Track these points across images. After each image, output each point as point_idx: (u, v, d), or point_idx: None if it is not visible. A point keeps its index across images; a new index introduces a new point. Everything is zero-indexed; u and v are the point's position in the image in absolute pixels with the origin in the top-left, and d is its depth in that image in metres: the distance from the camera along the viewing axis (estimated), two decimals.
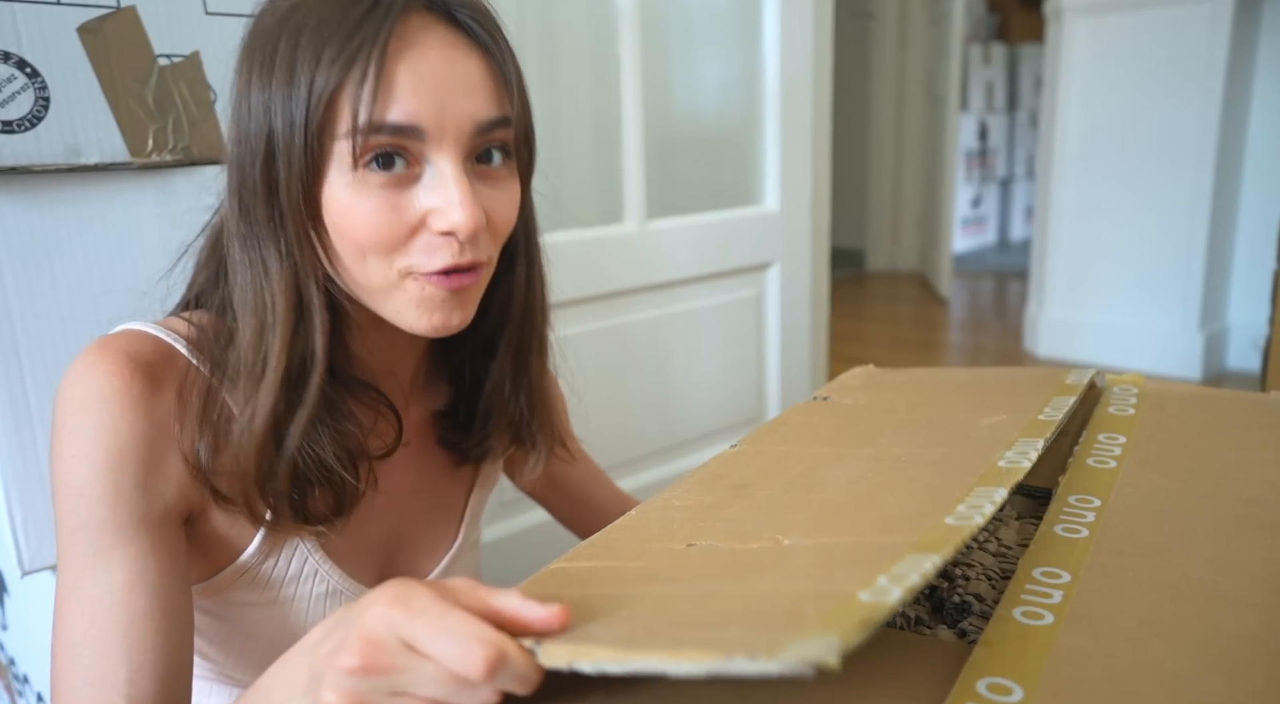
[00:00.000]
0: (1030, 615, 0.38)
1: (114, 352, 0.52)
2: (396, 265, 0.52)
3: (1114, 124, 2.86)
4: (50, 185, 0.72)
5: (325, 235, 0.52)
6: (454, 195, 0.50)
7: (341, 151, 0.50)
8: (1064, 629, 0.37)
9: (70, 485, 0.51)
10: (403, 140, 0.50)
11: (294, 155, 0.50)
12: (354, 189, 0.50)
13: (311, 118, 0.49)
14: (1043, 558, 0.43)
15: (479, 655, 0.33)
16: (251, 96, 0.51)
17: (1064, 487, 0.52)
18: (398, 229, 0.51)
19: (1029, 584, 0.41)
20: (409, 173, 0.51)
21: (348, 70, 0.48)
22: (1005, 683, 0.34)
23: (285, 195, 0.51)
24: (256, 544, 0.57)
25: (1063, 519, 0.47)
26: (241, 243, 0.53)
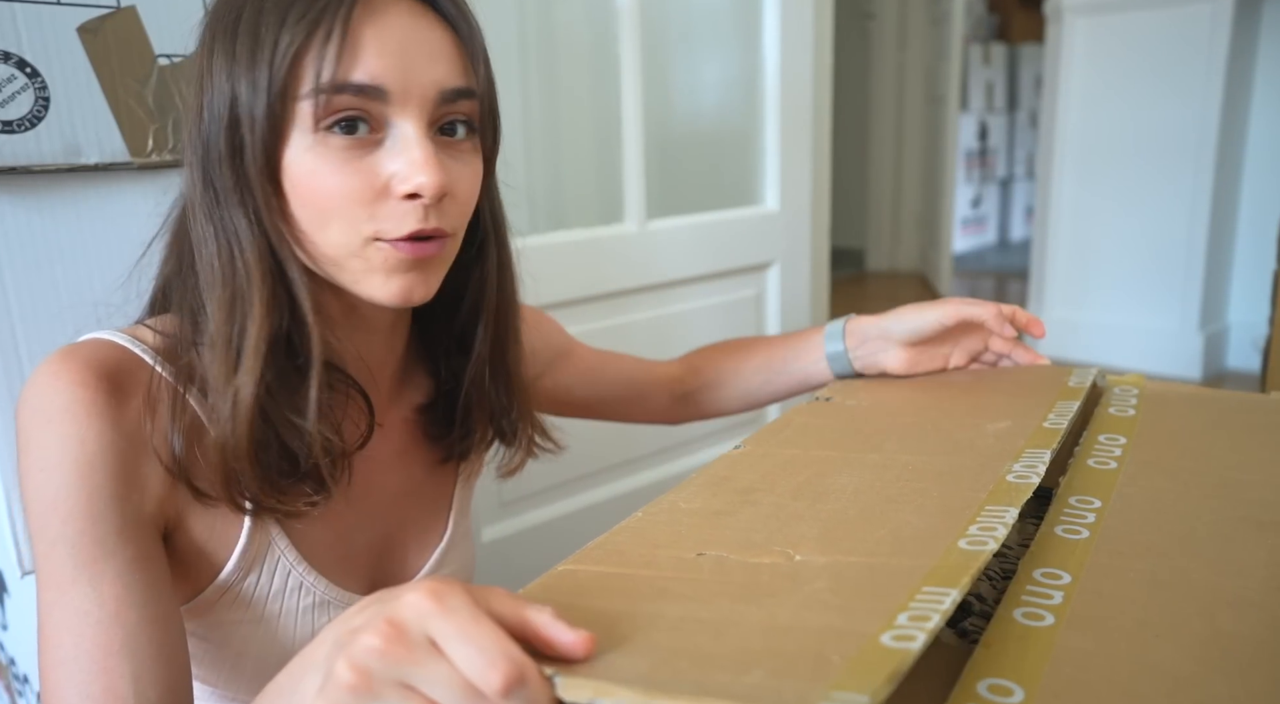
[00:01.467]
0: (1031, 616, 0.38)
1: (77, 361, 0.51)
2: (362, 231, 0.51)
3: (1114, 124, 2.86)
4: (50, 185, 0.72)
5: (286, 203, 0.52)
6: (417, 157, 0.50)
7: (304, 113, 0.50)
8: (1065, 630, 0.37)
9: (42, 500, 0.49)
10: (365, 102, 0.50)
11: (257, 118, 0.49)
12: (315, 152, 0.50)
13: (274, 78, 0.49)
14: (1043, 559, 0.43)
15: (500, 671, 0.33)
16: (214, 67, 0.51)
17: (1064, 487, 0.52)
18: (362, 192, 0.51)
19: (1029, 585, 0.41)
20: (371, 137, 0.51)
21: (312, 30, 0.48)
22: (1006, 684, 0.34)
23: (250, 159, 0.50)
24: (237, 557, 0.56)
25: (1063, 520, 0.47)
26: (207, 213, 0.52)
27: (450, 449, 0.67)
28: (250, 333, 0.51)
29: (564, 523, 1.41)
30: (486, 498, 1.30)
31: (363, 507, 0.62)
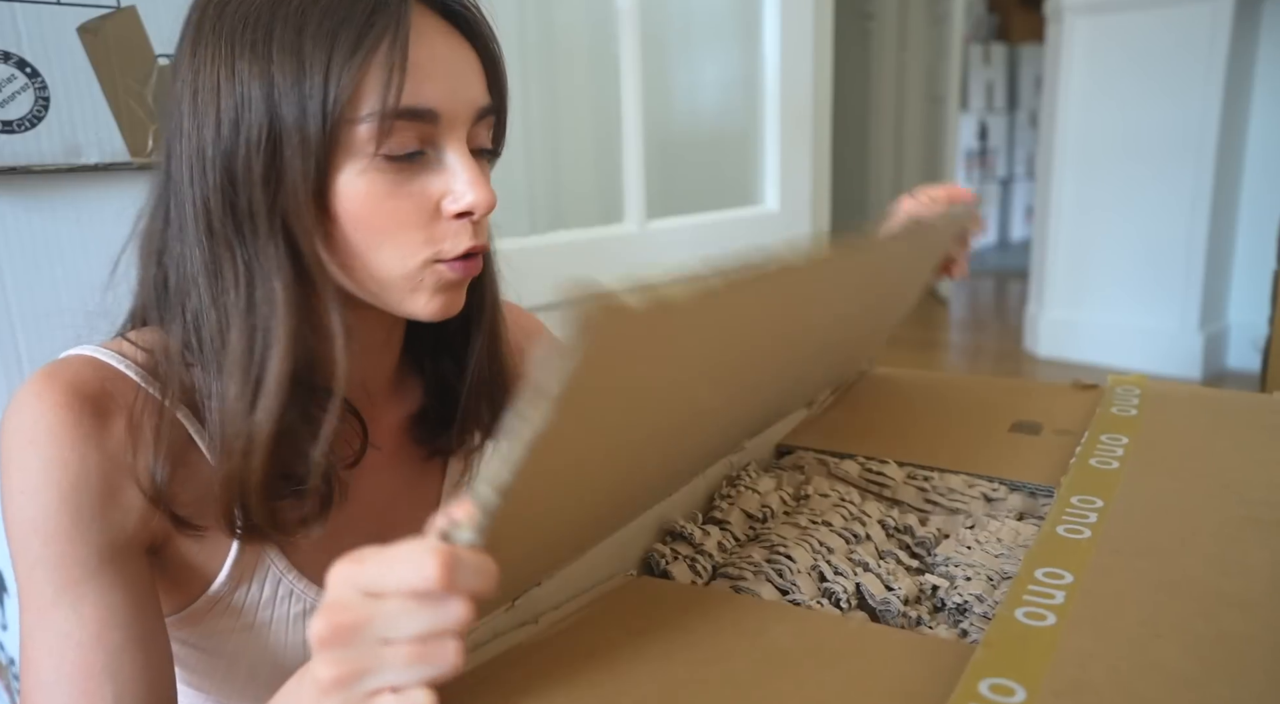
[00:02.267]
0: (1033, 616, 0.38)
1: (60, 382, 0.50)
2: (420, 254, 0.52)
3: (1114, 124, 2.86)
4: (50, 185, 0.72)
5: (334, 228, 0.51)
6: (468, 177, 0.51)
7: (358, 137, 0.49)
8: (1066, 630, 0.37)
9: (24, 522, 0.49)
10: (421, 125, 0.50)
11: (309, 141, 0.48)
12: (369, 177, 0.50)
13: (333, 100, 0.48)
14: (1045, 558, 0.43)
15: (432, 563, 0.33)
16: (240, 84, 0.48)
17: (1066, 487, 0.52)
18: (417, 215, 0.51)
19: (1031, 585, 0.41)
20: (420, 159, 0.51)
21: (371, 56, 0.48)
22: (1008, 683, 0.34)
23: (296, 184, 0.49)
24: (228, 570, 0.55)
25: (1065, 520, 0.47)
26: (226, 243, 0.50)
27: (447, 449, 0.66)
28: (271, 367, 0.50)
29: None
30: None
31: (353, 513, 0.61)
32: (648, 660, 0.39)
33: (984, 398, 0.75)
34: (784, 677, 0.38)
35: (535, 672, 0.38)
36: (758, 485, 0.60)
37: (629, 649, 0.40)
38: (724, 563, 0.51)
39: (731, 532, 0.55)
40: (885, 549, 0.53)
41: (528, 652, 0.40)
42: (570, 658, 0.39)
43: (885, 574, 0.50)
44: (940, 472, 0.62)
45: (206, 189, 0.50)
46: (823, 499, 0.58)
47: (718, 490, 0.60)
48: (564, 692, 0.37)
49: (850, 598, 0.48)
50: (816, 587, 0.49)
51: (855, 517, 0.55)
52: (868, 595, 0.48)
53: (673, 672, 0.38)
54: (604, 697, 0.36)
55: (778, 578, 0.49)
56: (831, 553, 0.51)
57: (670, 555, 0.51)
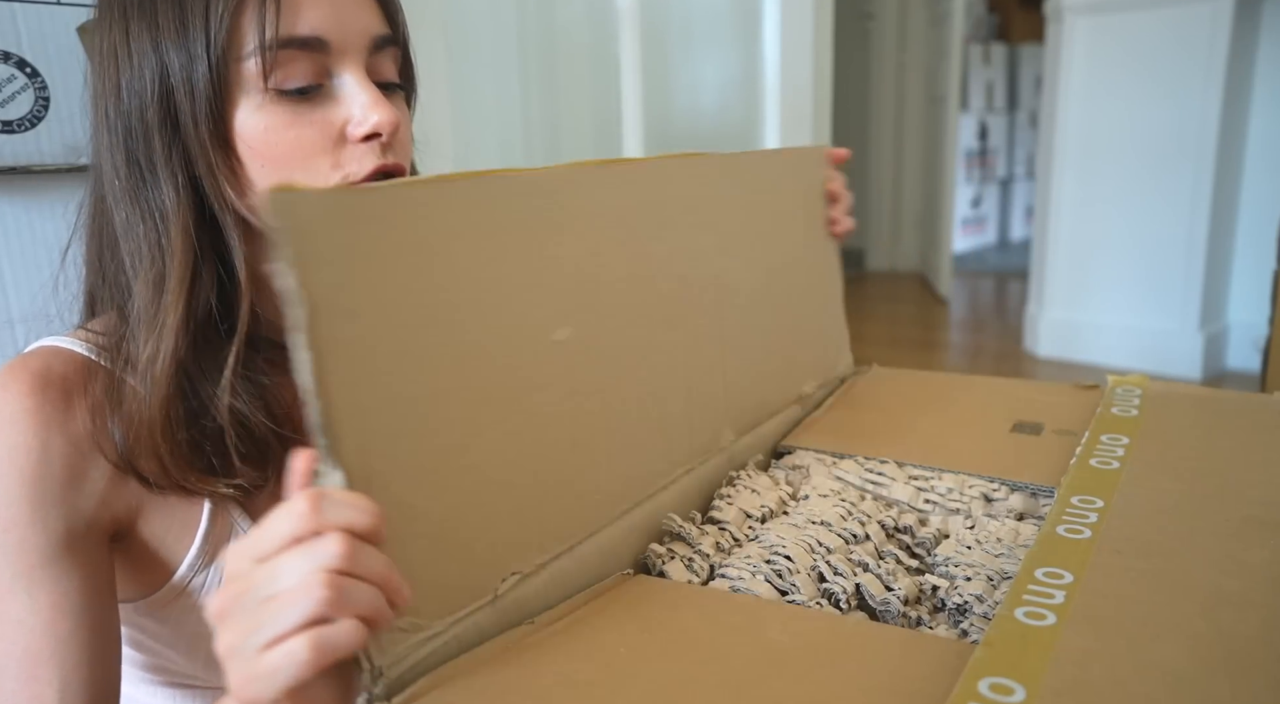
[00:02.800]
0: (1033, 616, 0.38)
1: (23, 372, 0.52)
2: (331, 178, 0.52)
3: (1114, 124, 2.86)
4: (50, 185, 0.72)
5: (240, 166, 0.52)
6: (366, 99, 0.52)
7: (249, 73, 0.50)
8: (1066, 630, 0.37)
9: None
10: (309, 55, 0.51)
11: (197, 84, 0.49)
12: (266, 110, 0.51)
13: (213, 41, 0.49)
14: (1045, 558, 0.43)
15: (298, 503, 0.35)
16: (132, 42, 0.50)
17: (1066, 487, 0.52)
18: (320, 142, 0.52)
19: (1031, 584, 0.41)
20: (317, 90, 0.52)
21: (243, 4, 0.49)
22: (1007, 683, 0.34)
23: (190, 128, 0.50)
24: (198, 545, 0.55)
25: (1065, 519, 0.47)
26: (131, 197, 0.52)
27: None
28: (167, 303, 0.51)
29: None
30: None
31: None
32: (645, 660, 0.39)
33: (984, 398, 0.75)
34: (783, 677, 0.38)
35: (532, 671, 0.38)
36: (756, 485, 0.60)
37: (626, 649, 0.40)
38: (722, 563, 0.51)
39: (730, 531, 0.55)
40: (885, 549, 0.53)
41: (524, 652, 0.40)
42: (567, 658, 0.39)
43: (885, 574, 0.50)
44: (940, 472, 0.62)
45: (114, 149, 0.52)
46: (822, 499, 0.58)
47: (716, 490, 0.60)
48: (561, 692, 0.37)
49: (850, 598, 0.48)
50: (816, 587, 0.49)
51: (854, 516, 0.55)
52: (867, 596, 0.48)
53: (670, 671, 0.38)
54: (601, 697, 0.36)
55: (777, 578, 0.49)
56: (831, 553, 0.51)
57: (666, 555, 0.51)
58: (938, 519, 0.57)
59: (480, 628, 0.41)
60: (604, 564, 0.49)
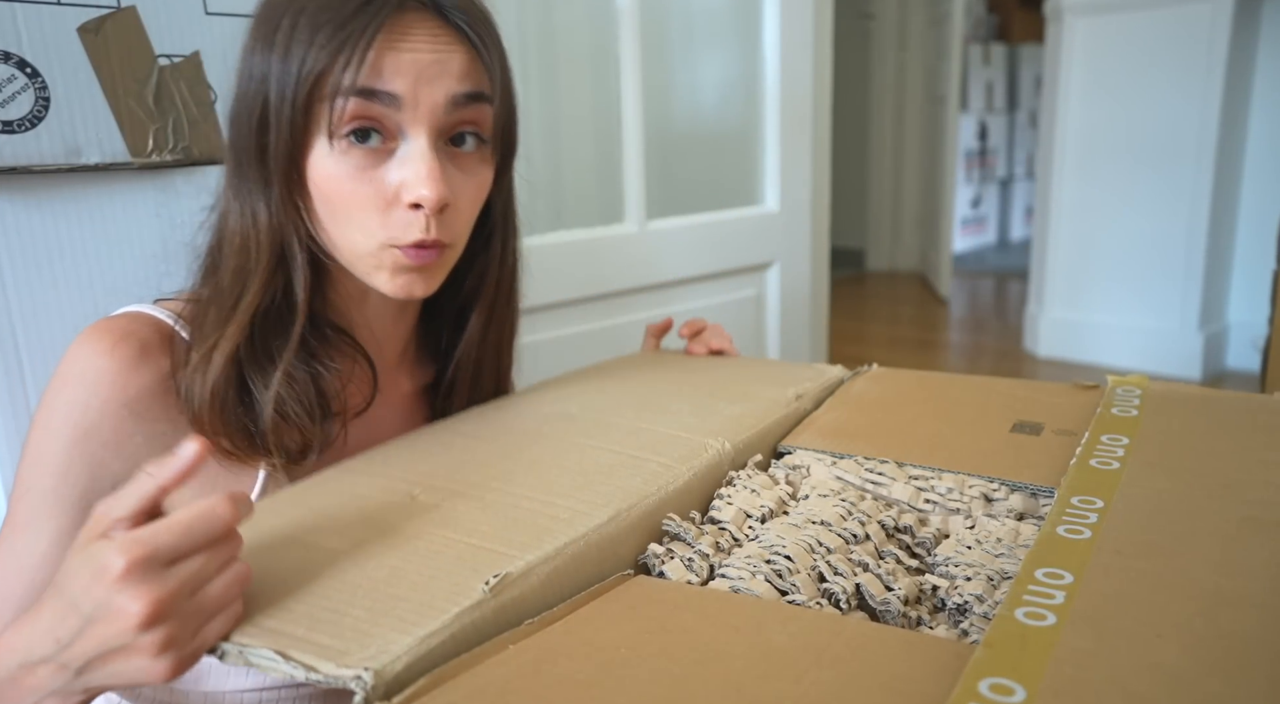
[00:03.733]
0: (1033, 616, 0.38)
1: (104, 331, 0.55)
2: (377, 237, 0.56)
3: (1114, 124, 2.86)
4: (50, 185, 0.72)
5: (310, 200, 0.56)
6: (422, 170, 0.54)
7: (325, 117, 0.54)
8: (1066, 630, 0.37)
9: (34, 452, 0.54)
10: (381, 109, 0.53)
11: (283, 123, 0.54)
12: (334, 159, 0.54)
13: (299, 90, 0.53)
14: (1045, 558, 0.43)
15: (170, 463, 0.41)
16: (253, 62, 0.55)
17: (1066, 487, 0.52)
18: (374, 200, 0.55)
19: (1031, 585, 0.41)
20: (384, 147, 0.55)
21: (336, 55, 0.52)
22: (1008, 683, 0.34)
23: (273, 159, 0.55)
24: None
25: (1065, 520, 0.47)
26: (235, 192, 0.57)
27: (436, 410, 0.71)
28: (245, 301, 0.56)
29: None
30: None
31: None
32: (645, 660, 0.39)
33: (984, 398, 0.75)
34: (783, 677, 0.37)
35: (531, 671, 0.38)
36: (756, 485, 0.60)
37: (626, 649, 0.40)
38: (722, 563, 0.51)
39: (729, 531, 0.55)
40: (885, 549, 0.53)
41: (523, 652, 0.40)
42: (566, 658, 0.39)
43: (885, 574, 0.50)
44: (940, 471, 0.62)
45: (229, 148, 0.58)
46: (822, 499, 0.58)
47: (715, 490, 0.60)
48: (560, 692, 0.37)
49: (850, 598, 0.48)
50: (816, 587, 0.49)
51: (854, 516, 0.55)
52: (868, 595, 0.48)
53: (670, 671, 0.38)
54: (601, 697, 0.36)
55: (777, 578, 0.49)
56: (831, 553, 0.51)
57: (666, 555, 0.51)
58: (938, 519, 0.57)
59: (479, 628, 0.41)
60: (604, 564, 0.49)
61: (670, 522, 0.54)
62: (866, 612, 0.48)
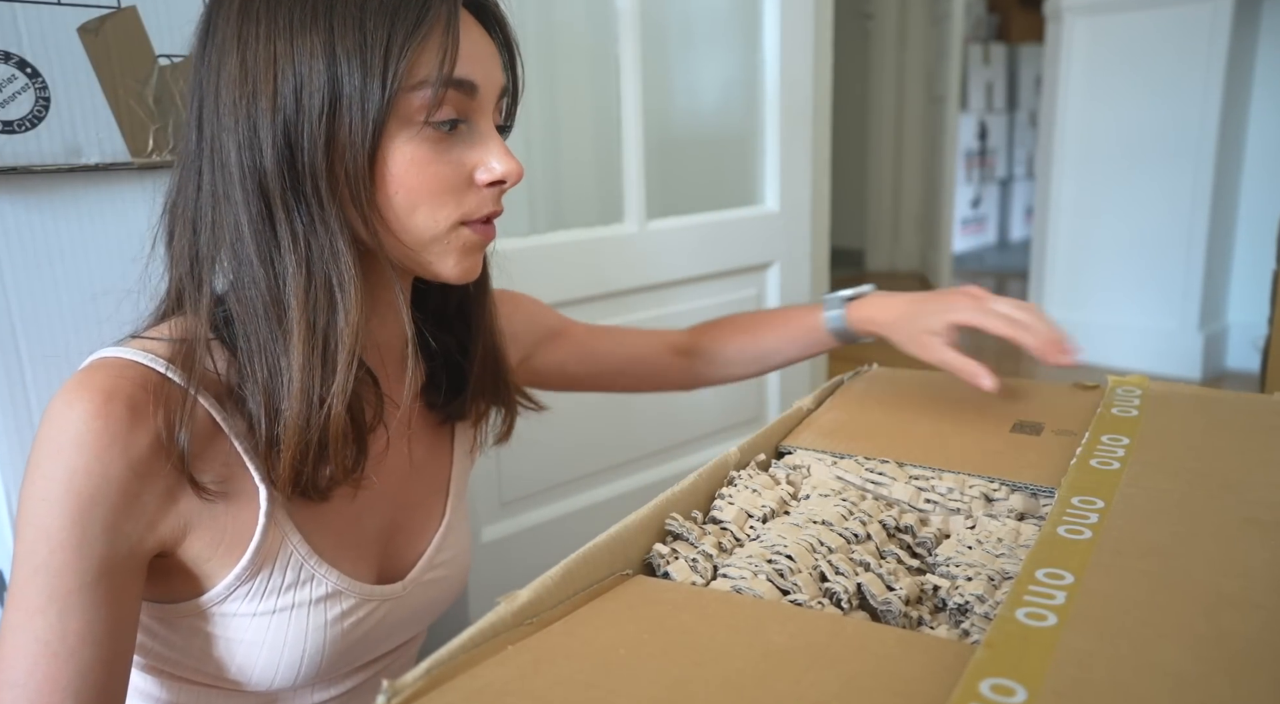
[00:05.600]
0: (1033, 616, 0.38)
1: (93, 390, 0.51)
2: (451, 217, 0.57)
3: (1114, 124, 2.86)
4: (50, 185, 0.72)
5: (376, 192, 0.55)
6: (499, 149, 0.58)
7: (413, 106, 0.54)
8: (1067, 630, 0.37)
9: (37, 527, 0.50)
10: (463, 97, 0.56)
11: (368, 109, 0.52)
12: (415, 143, 0.55)
13: (393, 70, 0.52)
14: (1046, 559, 0.43)
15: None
16: (300, 56, 0.51)
17: (1066, 487, 0.52)
18: (453, 181, 0.57)
19: (1032, 585, 0.41)
20: (457, 130, 0.57)
21: (430, 31, 0.53)
22: (1009, 684, 0.34)
23: (348, 148, 0.53)
24: (249, 557, 0.57)
25: (1065, 520, 0.47)
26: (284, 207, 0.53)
27: (451, 411, 0.71)
28: (343, 328, 0.54)
29: (564, 523, 1.41)
30: (487, 498, 1.30)
31: (370, 493, 0.64)
32: (645, 660, 0.39)
33: (984, 398, 0.75)
34: (783, 677, 0.37)
35: (531, 672, 0.38)
36: (757, 485, 0.60)
37: (625, 649, 0.40)
38: (724, 563, 0.51)
39: (731, 531, 0.55)
40: (886, 549, 0.53)
41: (523, 652, 0.40)
42: (566, 658, 0.39)
43: (886, 574, 0.50)
44: (940, 471, 0.62)
45: (261, 156, 0.52)
46: (823, 499, 0.58)
47: (717, 490, 0.60)
48: (560, 692, 0.37)
49: (851, 598, 0.48)
50: (818, 586, 0.49)
51: (855, 516, 0.55)
52: (869, 595, 0.48)
53: (670, 672, 0.38)
54: (600, 697, 0.36)
55: (779, 578, 0.49)
56: (832, 552, 0.51)
57: (670, 555, 0.51)
58: (938, 519, 0.57)
59: (479, 627, 0.41)
60: (614, 565, 0.49)
61: (673, 521, 0.54)
62: (868, 611, 0.48)
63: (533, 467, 1.35)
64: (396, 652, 0.70)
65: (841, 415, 0.73)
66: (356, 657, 0.64)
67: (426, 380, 0.70)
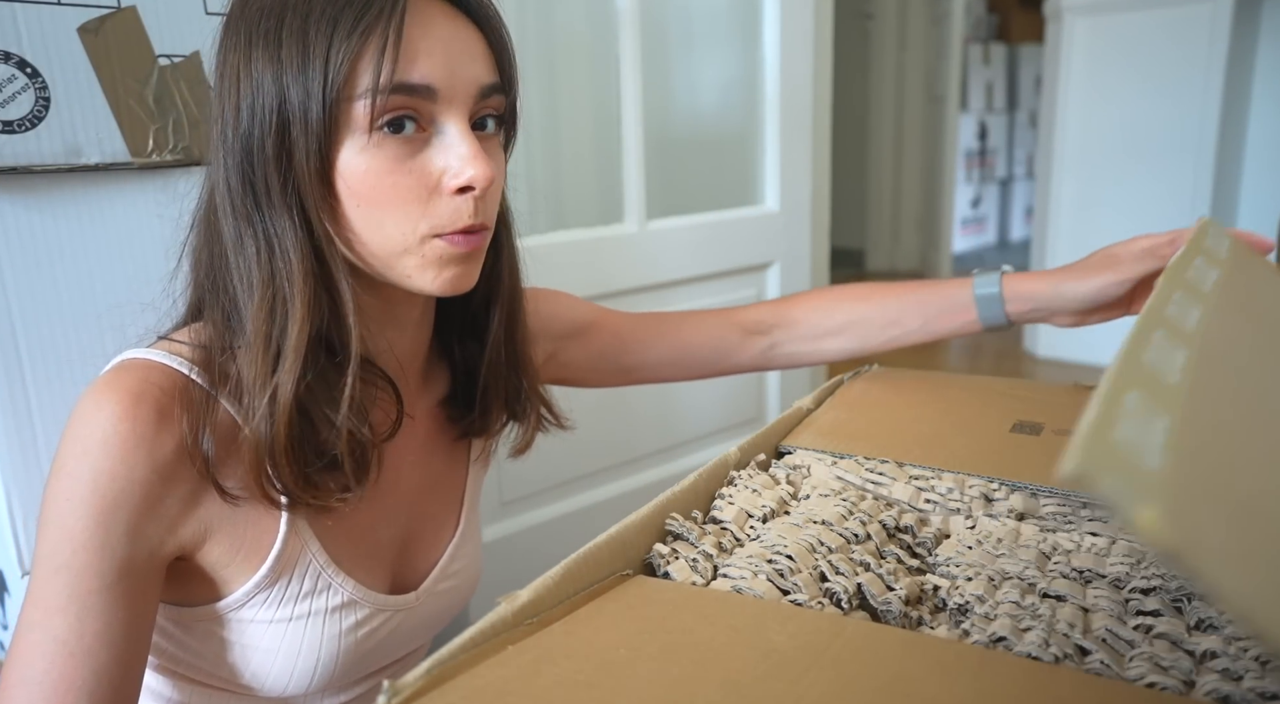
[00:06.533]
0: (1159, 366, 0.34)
1: (121, 391, 0.51)
2: (419, 229, 0.53)
3: (1114, 124, 2.86)
4: (50, 185, 0.72)
5: (339, 204, 0.53)
6: (466, 152, 0.53)
7: (358, 115, 0.51)
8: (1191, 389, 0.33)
9: (60, 527, 0.51)
10: (416, 101, 0.52)
11: (310, 122, 0.50)
12: (369, 153, 0.52)
13: (331, 81, 0.50)
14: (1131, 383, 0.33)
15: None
16: (256, 70, 0.51)
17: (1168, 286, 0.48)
18: (416, 191, 0.53)
19: None
20: (419, 136, 0.53)
21: (367, 38, 0.50)
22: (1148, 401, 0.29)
23: (302, 163, 0.51)
24: (270, 565, 0.57)
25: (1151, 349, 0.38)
26: (245, 216, 0.53)
27: (468, 428, 0.69)
28: (291, 333, 0.52)
29: (564, 523, 1.41)
30: (487, 498, 1.30)
31: (387, 502, 0.63)
32: (644, 660, 0.39)
33: (984, 398, 0.75)
34: (782, 677, 0.38)
35: (531, 672, 0.38)
36: (757, 485, 0.60)
37: (625, 649, 0.40)
38: (724, 563, 0.51)
39: (731, 531, 0.55)
40: (886, 549, 0.53)
41: (523, 652, 0.40)
42: (566, 658, 0.39)
43: (886, 574, 0.50)
44: (940, 471, 0.62)
45: (229, 169, 0.53)
46: (823, 499, 0.58)
47: (717, 490, 0.60)
48: (560, 692, 0.37)
49: (852, 598, 0.48)
50: (818, 586, 0.49)
51: (855, 516, 0.55)
52: (869, 595, 0.48)
53: (669, 672, 0.38)
54: (600, 697, 0.36)
55: (779, 578, 0.49)
56: (832, 552, 0.51)
57: (670, 555, 0.51)
58: (938, 519, 0.57)
59: (479, 627, 0.41)
60: (609, 564, 0.49)
61: (673, 521, 0.54)
62: (868, 611, 0.48)
63: (533, 467, 1.35)
64: (405, 659, 0.70)
65: (841, 415, 0.73)
66: (367, 665, 0.64)
67: (449, 392, 0.68)
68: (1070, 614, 0.44)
